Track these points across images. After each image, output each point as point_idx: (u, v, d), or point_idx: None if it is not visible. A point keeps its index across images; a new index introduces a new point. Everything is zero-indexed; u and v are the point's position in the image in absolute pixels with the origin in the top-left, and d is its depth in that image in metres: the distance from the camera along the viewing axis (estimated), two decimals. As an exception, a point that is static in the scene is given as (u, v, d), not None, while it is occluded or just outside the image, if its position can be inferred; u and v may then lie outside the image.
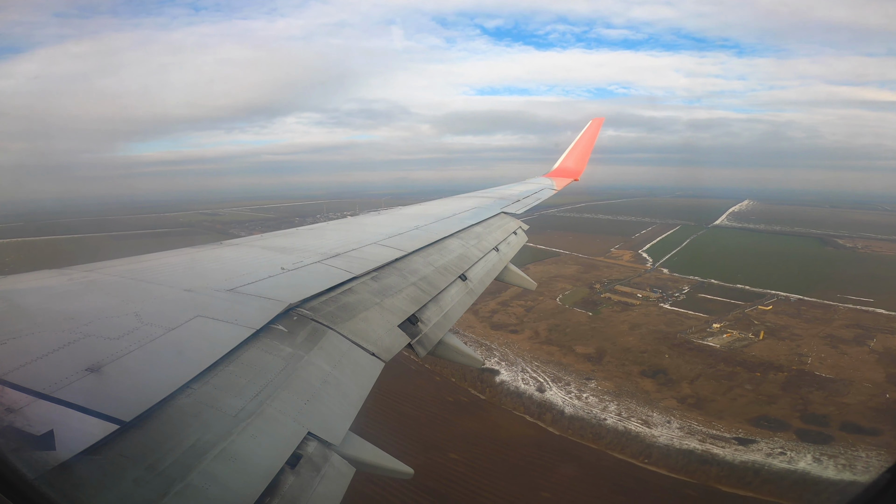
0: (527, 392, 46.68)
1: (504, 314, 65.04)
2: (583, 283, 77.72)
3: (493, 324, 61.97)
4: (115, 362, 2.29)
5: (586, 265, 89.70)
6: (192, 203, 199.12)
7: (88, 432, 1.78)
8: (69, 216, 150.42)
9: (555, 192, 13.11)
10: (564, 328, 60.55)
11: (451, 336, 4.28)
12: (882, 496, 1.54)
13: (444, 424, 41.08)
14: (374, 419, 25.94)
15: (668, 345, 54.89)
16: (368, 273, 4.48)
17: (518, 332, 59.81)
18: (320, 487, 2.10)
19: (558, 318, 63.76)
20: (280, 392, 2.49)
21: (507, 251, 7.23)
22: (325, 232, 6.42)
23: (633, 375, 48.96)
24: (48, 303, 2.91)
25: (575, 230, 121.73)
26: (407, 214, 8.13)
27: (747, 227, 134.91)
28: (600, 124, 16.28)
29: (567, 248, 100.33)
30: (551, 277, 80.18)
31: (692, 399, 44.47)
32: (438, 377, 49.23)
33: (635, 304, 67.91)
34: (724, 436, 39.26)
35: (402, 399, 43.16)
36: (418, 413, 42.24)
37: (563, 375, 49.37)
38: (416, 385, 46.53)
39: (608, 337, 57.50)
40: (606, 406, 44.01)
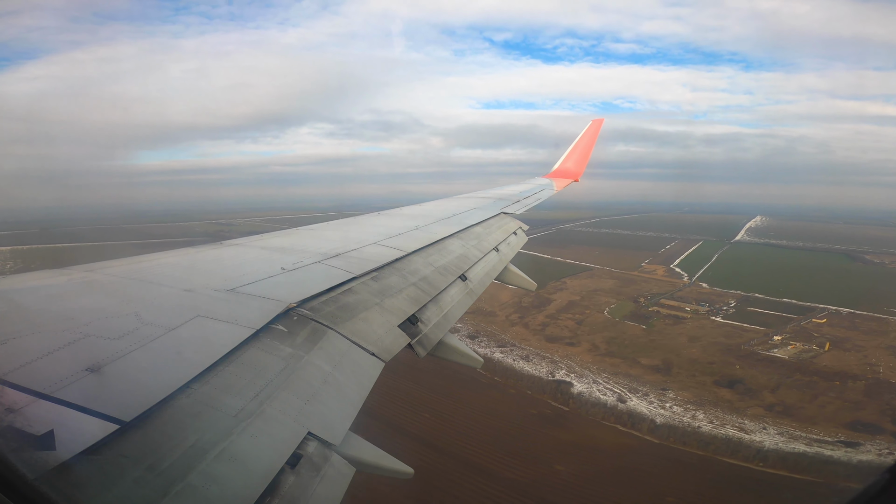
0: (608, 403, 47.01)
1: (555, 327, 65.64)
2: (625, 297, 78.16)
3: (548, 336, 62.46)
4: (115, 362, 2.29)
5: (622, 279, 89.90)
6: (193, 213, 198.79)
7: (88, 432, 1.78)
8: (74, 224, 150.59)
9: (555, 192, 13.10)
10: (622, 341, 60.96)
11: (451, 336, 4.28)
12: (882, 496, 1.54)
13: (537, 437, 41.15)
14: (469, 435, 27.81)
15: (735, 356, 55.37)
16: (368, 273, 4.48)
17: (575, 344, 60.22)
18: (320, 487, 2.10)
19: (612, 331, 64.17)
20: (280, 392, 2.49)
21: (507, 251, 7.23)
22: (324, 232, 6.42)
23: (708, 386, 49.36)
24: (48, 303, 2.91)
25: (599, 245, 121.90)
26: (407, 215, 8.13)
27: (770, 243, 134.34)
28: (600, 125, 16.28)
29: (597, 263, 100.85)
30: (591, 291, 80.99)
31: (779, 407, 45.01)
32: (513, 389, 49.76)
33: (686, 317, 68.25)
34: (827, 439, 39.70)
35: (486, 413, 43.75)
36: (507, 426, 42.38)
37: (637, 386, 49.68)
38: (494, 399, 47.06)
39: (670, 349, 57.86)
40: (694, 415, 44.38)
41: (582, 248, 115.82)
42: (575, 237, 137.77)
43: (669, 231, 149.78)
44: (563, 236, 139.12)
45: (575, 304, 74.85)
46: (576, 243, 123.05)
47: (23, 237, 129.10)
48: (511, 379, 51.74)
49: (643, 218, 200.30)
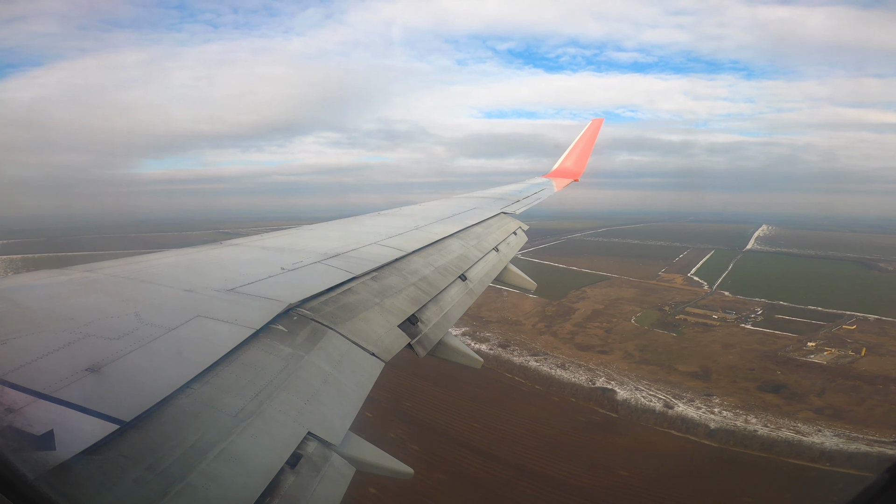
0: (656, 409, 47.17)
1: (585, 336, 65.86)
2: (649, 306, 78.39)
3: (578, 345, 62.71)
4: (115, 362, 2.29)
5: (642, 288, 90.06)
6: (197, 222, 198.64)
7: (88, 432, 1.78)
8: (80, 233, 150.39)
9: (555, 192, 13.09)
10: (655, 348, 61.17)
11: (451, 336, 4.28)
12: (882, 496, 1.54)
13: (593, 443, 41.26)
14: (524, 443, 29.01)
15: (774, 362, 55.69)
16: (368, 273, 4.48)
17: (608, 352, 60.38)
18: (320, 487, 2.10)
19: (643, 339, 64.36)
20: (280, 392, 2.49)
21: (507, 251, 7.23)
22: (324, 232, 6.41)
23: (752, 391, 49.57)
24: (48, 303, 2.91)
25: (611, 254, 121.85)
26: (406, 215, 8.13)
27: (782, 252, 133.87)
28: (600, 125, 16.27)
29: (614, 272, 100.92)
30: (614, 300, 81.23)
31: (828, 410, 45.27)
32: (556, 397, 50.00)
33: (715, 324, 68.37)
34: (884, 440, 40.02)
35: (535, 421, 43.99)
36: (559, 434, 42.57)
37: (680, 392, 49.86)
38: (539, 407, 47.30)
39: (706, 356, 58.07)
40: (746, 419, 44.61)
41: (595, 257, 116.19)
42: (586, 247, 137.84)
43: (679, 240, 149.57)
44: (573, 246, 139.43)
45: (600, 312, 75.22)
46: (588, 253, 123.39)
47: (31, 246, 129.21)
48: (552, 387, 52.12)
49: (649, 227, 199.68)
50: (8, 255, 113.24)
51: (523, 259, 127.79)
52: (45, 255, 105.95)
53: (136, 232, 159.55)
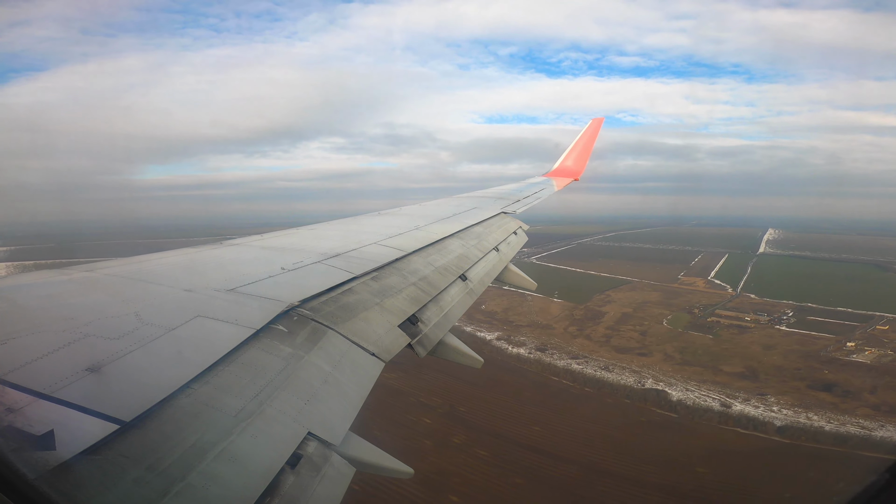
0: (714, 408, 47.37)
1: (620, 338, 66.14)
2: (677, 309, 78.62)
3: (616, 348, 62.99)
4: (115, 362, 2.29)
5: (666, 292, 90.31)
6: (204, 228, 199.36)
7: (88, 432, 1.78)
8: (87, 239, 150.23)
9: (555, 191, 13.08)
10: (694, 350, 61.30)
11: (451, 336, 4.28)
12: (882, 496, 1.54)
13: (661, 442, 41.32)
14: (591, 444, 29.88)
15: (818, 362, 55.98)
16: (368, 273, 4.48)
17: (647, 354, 60.62)
18: (320, 487, 2.10)
19: (680, 341, 64.60)
20: (280, 392, 2.49)
21: (507, 251, 7.23)
22: (325, 232, 6.41)
23: (803, 390, 49.84)
24: (48, 303, 2.91)
25: (626, 258, 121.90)
26: (407, 214, 8.13)
27: (795, 255, 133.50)
28: (600, 124, 16.26)
29: (633, 276, 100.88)
30: (640, 303, 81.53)
31: (885, 407, 45.67)
32: (609, 399, 50.22)
33: (750, 326, 68.50)
34: None
35: (595, 423, 44.28)
36: (622, 434, 42.73)
37: (732, 392, 50.02)
38: (595, 409, 47.57)
39: (748, 357, 58.29)
40: (808, 416, 44.91)
41: (611, 261, 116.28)
42: (598, 251, 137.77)
43: (690, 244, 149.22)
44: (586, 251, 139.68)
45: (629, 316, 75.44)
46: (603, 257, 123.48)
47: (39, 252, 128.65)
48: (603, 389, 52.35)
49: (656, 232, 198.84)
50: (20, 261, 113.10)
51: (539, 264, 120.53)
52: (56, 261, 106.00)
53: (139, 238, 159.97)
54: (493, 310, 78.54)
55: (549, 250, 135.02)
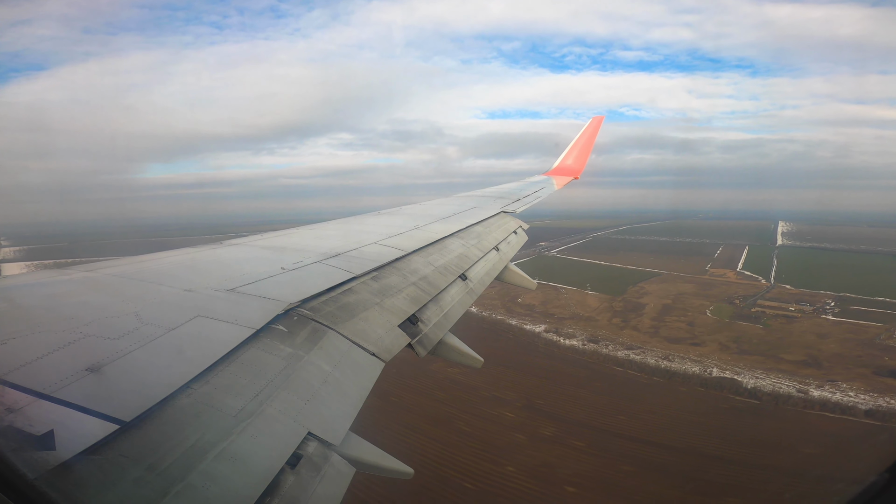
0: (792, 394, 47.61)
1: (668, 329, 66.52)
2: (716, 299, 78.78)
3: (667, 338, 63.39)
4: (115, 362, 2.29)
5: (698, 283, 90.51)
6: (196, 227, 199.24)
7: (88, 432, 1.78)
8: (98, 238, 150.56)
9: (555, 190, 13.06)
10: (748, 339, 61.48)
11: (451, 336, 4.28)
12: (882, 496, 1.54)
13: (755, 428, 41.45)
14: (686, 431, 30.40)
15: (875, 350, 56.48)
16: (368, 273, 4.48)
17: (701, 344, 60.72)
18: (320, 487, 2.10)
19: (731, 331, 64.81)
20: (280, 392, 2.49)
21: (507, 251, 7.22)
22: (325, 232, 6.41)
23: (870, 377, 50.08)
24: (48, 303, 2.91)
25: (647, 251, 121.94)
26: (407, 214, 8.12)
27: (815, 246, 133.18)
28: (600, 123, 16.25)
29: (660, 268, 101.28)
30: (677, 295, 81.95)
31: None
32: (683, 387, 50.45)
33: (797, 316, 68.82)
34: None
35: (679, 411, 44.49)
36: (711, 420, 42.89)
37: (802, 379, 50.32)
38: (671, 397, 47.80)
39: (805, 345, 58.53)
40: (886, 400, 45.33)
41: (633, 254, 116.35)
42: (617, 245, 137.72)
43: (706, 237, 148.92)
44: (603, 244, 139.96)
45: (670, 307, 75.75)
46: (624, 250, 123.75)
47: (51, 252, 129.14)
48: (672, 378, 52.54)
49: (667, 225, 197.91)
50: (39, 260, 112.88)
51: (561, 257, 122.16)
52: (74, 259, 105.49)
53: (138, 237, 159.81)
54: (530, 303, 79.13)
55: (566, 244, 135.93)
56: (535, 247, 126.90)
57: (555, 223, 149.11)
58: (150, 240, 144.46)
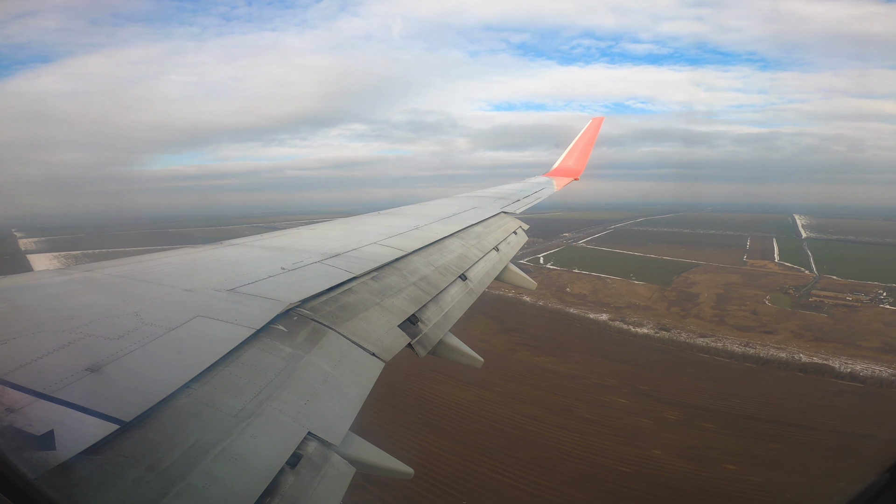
0: (891, 379, 47.65)
1: (733, 317, 66.66)
2: (769, 289, 78.88)
3: (736, 326, 63.51)
4: (115, 362, 2.29)
5: (742, 273, 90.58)
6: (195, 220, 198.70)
7: (88, 432, 1.78)
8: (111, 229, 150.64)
9: (555, 191, 13.08)
10: (819, 327, 61.60)
11: (451, 336, 4.28)
12: (882, 496, 1.54)
13: (877, 410, 41.27)
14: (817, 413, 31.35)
15: None
16: (368, 273, 4.48)
17: (773, 332, 60.83)
18: (320, 487, 2.10)
19: (798, 319, 64.94)
20: (280, 392, 2.49)
21: (507, 251, 7.22)
22: (325, 232, 6.41)
23: None
24: (48, 303, 2.91)
25: (676, 243, 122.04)
26: (407, 214, 8.13)
27: (841, 239, 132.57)
28: (600, 123, 16.26)
29: (696, 259, 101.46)
30: (726, 285, 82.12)
31: None
32: (782, 373, 50.71)
33: (857, 305, 69.02)
34: None
35: (787, 393, 44.83)
36: (831, 402, 43.06)
37: (891, 364, 50.35)
38: (772, 381, 48.02)
39: (878, 333, 58.49)
40: None
41: (664, 245, 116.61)
42: (642, 236, 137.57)
43: (729, 229, 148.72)
44: (628, 235, 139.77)
45: (724, 297, 75.73)
46: (652, 241, 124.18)
47: (75, 243, 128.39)
48: (765, 365, 52.54)
49: (683, 217, 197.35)
50: (67, 252, 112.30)
51: (591, 248, 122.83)
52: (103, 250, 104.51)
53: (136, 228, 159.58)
54: (580, 292, 79.66)
55: (590, 235, 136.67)
56: (560, 238, 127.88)
57: (567, 214, 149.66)
58: (143, 232, 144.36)
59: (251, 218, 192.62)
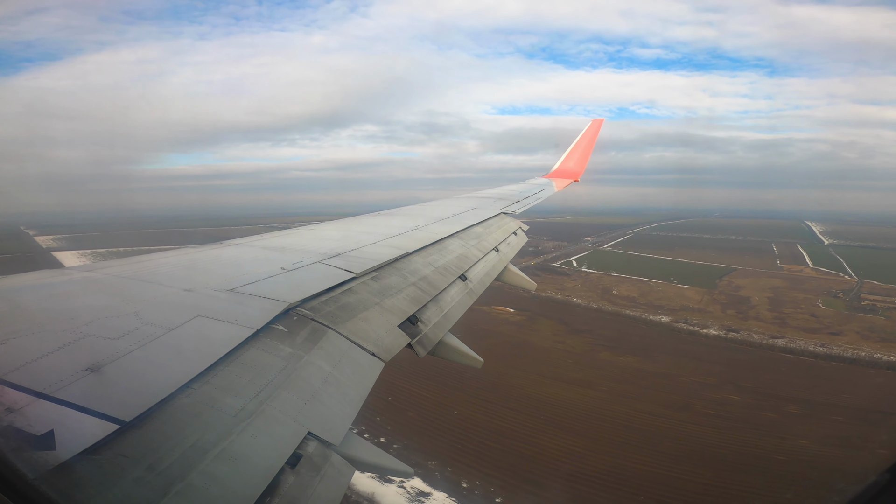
0: None
1: (794, 320, 67.88)
2: (817, 293, 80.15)
3: (801, 328, 64.65)
4: (115, 362, 2.29)
5: (785, 278, 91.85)
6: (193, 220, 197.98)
7: (88, 432, 1.78)
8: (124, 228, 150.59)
9: (555, 192, 13.09)
10: (882, 329, 62.67)
11: (451, 336, 4.28)
12: (882, 496, 1.54)
13: None
14: None
15: None
16: (368, 273, 4.48)
17: (839, 334, 61.87)
18: (320, 487, 2.10)
19: (857, 322, 65.95)
20: (280, 392, 2.49)
21: (507, 251, 7.23)
22: (325, 232, 6.41)
23: None
24: (48, 303, 2.91)
25: (702, 248, 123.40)
26: (407, 214, 8.13)
27: (864, 245, 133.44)
28: (600, 126, 16.28)
29: (731, 264, 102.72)
30: (772, 289, 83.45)
31: None
32: (871, 370, 51.60)
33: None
34: None
35: (890, 390, 46.49)
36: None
37: None
38: (879, 379, 49.12)
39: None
40: None
41: (691, 250, 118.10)
42: (664, 241, 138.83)
43: (749, 235, 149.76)
44: (649, 240, 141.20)
45: (776, 300, 76.80)
46: (678, 246, 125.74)
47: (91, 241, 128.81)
48: (854, 364, 53.33)
49: (694, 223, 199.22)
50: (91, 250, 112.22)
51: (618, 251, 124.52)
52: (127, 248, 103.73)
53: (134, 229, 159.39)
54: (628, 294, 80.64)
55: (612, 239, 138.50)
56: (583, 242, 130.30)
57: (578, 219, 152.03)
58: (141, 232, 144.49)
59: (250, 219, 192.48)
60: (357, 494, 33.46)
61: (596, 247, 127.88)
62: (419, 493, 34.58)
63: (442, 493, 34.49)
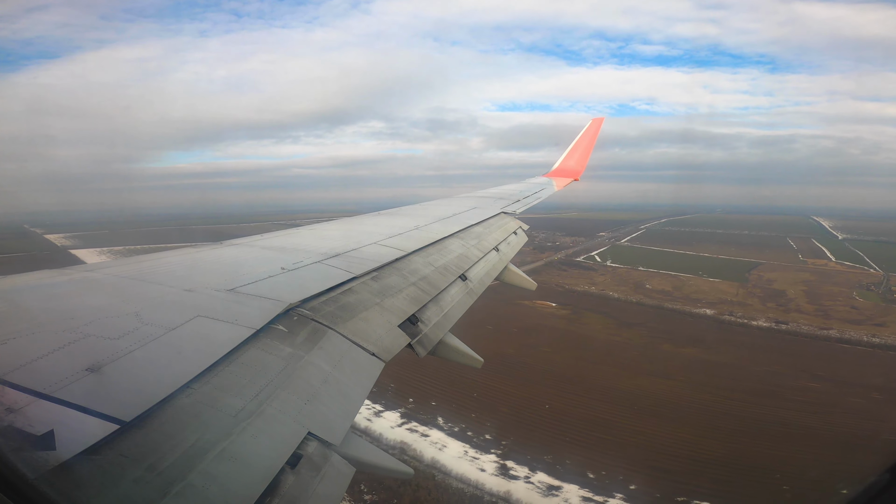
0: None
1: (836, 311, 69.27)
2: (849, 286, 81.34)
3: (845, 320, 65.89)
4: (115, 362, 2.29)
5: (812, 272, 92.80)
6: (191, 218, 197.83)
7: (88, 432, 1.78)
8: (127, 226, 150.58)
9: (555, 191, 13.08)
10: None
11: (451, 336, 4.28)
12: (882, 496, 1.54)
13: None
14: None
15: None
16: (368, 273, 4.48)
17: (883, 325, 63.24)
18: (320, 487, 2.10)
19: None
20: (280, 392, 2.49)
21: (507, 251, 7.22)
22: (325, 232, 6.41)
23: None
24: (48, 303, 2.91)
25: (719, 242, 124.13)
26: (407, 214, 8.13)
27: (878, 240, 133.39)
28: (600, 124, 16.26)
29: (755, 258, 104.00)
30: (803, 282, 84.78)
31: None
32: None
33: None
34: None
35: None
36: None
37: None
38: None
39: None
40: None
41: (710, 245, 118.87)
42: (679, 236, 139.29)
43: (763, 230, 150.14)
44: (663, 236, 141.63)
45: (812, 293, 77.69)
46: (695, 241, 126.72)
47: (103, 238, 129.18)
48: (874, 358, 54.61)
49: (701, 218, 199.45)
50: (108, 247, 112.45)
51: (638, 247, 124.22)
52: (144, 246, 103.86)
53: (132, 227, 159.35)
54: (662, 288, 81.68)
55: (627, 234, 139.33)
56: (598, 237, 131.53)
57: (584, 214, 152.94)
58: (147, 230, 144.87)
59: (251, 216, 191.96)
60: (490, 494, 33.98)
61: (613, 242, 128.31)
62: (549, 486, 34.86)
63: (573, 484, 34.77)
